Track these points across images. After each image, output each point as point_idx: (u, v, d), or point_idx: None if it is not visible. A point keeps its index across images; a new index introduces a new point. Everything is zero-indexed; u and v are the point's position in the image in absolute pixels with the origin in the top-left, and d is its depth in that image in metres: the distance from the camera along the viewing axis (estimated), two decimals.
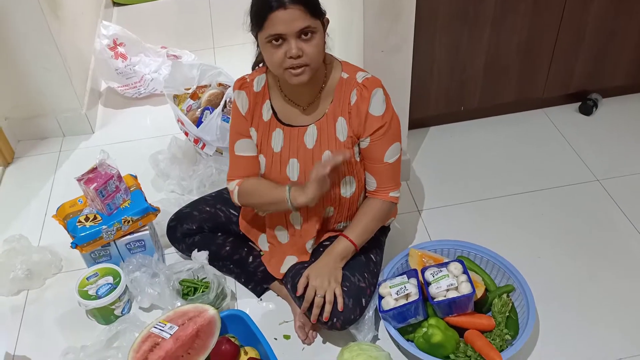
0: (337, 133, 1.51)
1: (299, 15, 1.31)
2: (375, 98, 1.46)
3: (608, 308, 1.70)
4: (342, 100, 1.49)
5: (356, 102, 1.47)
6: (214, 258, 1.76)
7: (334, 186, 1.54)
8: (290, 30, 1.31)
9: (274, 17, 1.30)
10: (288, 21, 1.31)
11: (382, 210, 1.60)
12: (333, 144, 1.51)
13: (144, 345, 1.48)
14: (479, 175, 2.18)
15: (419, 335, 1.53)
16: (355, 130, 1.50)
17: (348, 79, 1.49)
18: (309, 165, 1.53)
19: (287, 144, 1.54)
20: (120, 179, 1.79)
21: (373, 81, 1.47)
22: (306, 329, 1.68)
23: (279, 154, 1.55)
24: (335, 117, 1.50)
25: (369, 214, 1.60)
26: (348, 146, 1.51)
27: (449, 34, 2.05)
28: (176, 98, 2.33)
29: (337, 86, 1.49)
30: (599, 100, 2.40)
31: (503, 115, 2.42)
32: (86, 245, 1.75)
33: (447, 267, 1.59)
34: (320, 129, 1.51)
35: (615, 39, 2.20)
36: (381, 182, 1.57)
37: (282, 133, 1.54)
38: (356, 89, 1.47)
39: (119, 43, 2.63)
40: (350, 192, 1.57)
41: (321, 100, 1.51)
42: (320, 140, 1.52)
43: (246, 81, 1.57)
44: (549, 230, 1.94)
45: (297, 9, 1.30)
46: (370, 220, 1.60)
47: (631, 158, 2.19)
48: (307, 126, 1.52)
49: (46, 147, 2.50)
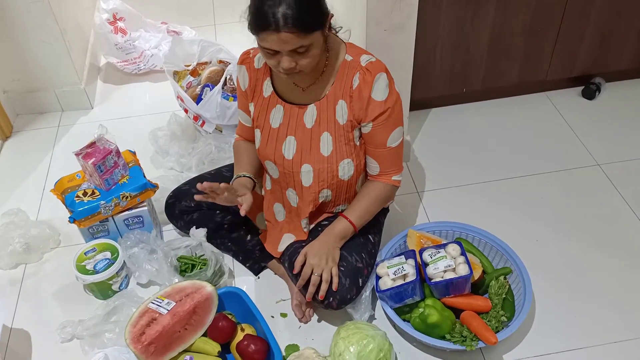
0: (336, 116, 1.49)
1: (292, 38, 1.28)
2: (378, 83, 1.43)
3: (604, 292, 1.71)
4: (343, 83, 1.47)
5: (358, 86, 1.45)
6: (212, 235, 1.76)
7: (332, 169, 1.54)
8: (283, 49, 1.30)
9: (267, 35, 1.29)
10: (281, 42, 1.29)
11: (383, 194, 1.60)
12: (332, 126, 1.50)
13: (141, 320, 1.48)
14: (479, 158, 2.17)
15: (416, 316, 1.53)
16: (356, 114, 1.48)
17: (352, 61, 1.46)
18: (306, 145, 1.52)
19: (287, 121, 1.53)
20: (118, 154, 1.78)
21: (377, 65, 1.45)
22: (303, 307, 1.68)
23: (277, 130, 1.55)
24: (335, 100, 1.48)
25: (370, 196, 1.59)
26: (347, 129, 1.50)
27: (454, 13, 2.02)
28: (176, 74, 2.31)
29: (339, 68, 1.47)
30: (602, 84, 2.38)
31: (505, 98, 2.41)
32: (84, 220, 1.74)
33: (445, 248, 1.60)
34: (320, 110, 1.50)
35: (621, 22, 2.17)
36: (384, 166, 1.56)
37: (283, 110, 1.53)
38: (359, 73, 1.44)
39: (118, 17, 2.60)
40: (349, 175, 1.56)
41: (323, 81, 1.49)
42: (319, 121, 1.51)
43: (249, 56, 1.56)
44: (548, 214, 1.94)
45: (291, 32, 1.27)
46: (371, 203, 1.59)
47: (632, 143, 2.18)
48: (307, 105, 1.51)
49: (45, 122, 2.48)
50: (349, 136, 1.51)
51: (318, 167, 1.53)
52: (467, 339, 1.50)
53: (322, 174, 1.53)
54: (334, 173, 1.54)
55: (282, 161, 1.55)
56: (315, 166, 1.53)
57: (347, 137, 1.51)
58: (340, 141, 1.51)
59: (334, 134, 1.50)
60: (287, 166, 1.55)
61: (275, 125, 1.55)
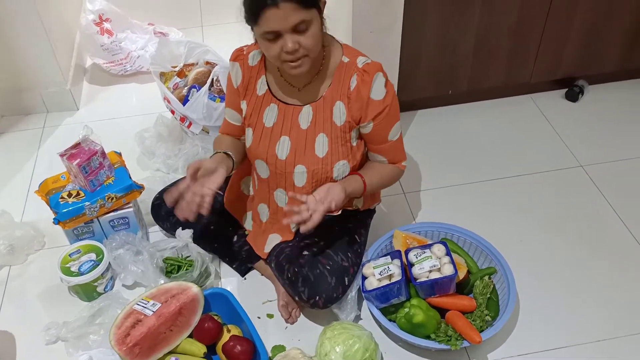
0: (333, 117, 1.49)
1: (292, 10, 1.28)
2: (376, 83, 1.45)
3: (588, 291, 1.73)
4: (341, 85, 1.47)
5: (357, 87, 1.45)
6: (198, 236, 1.76)
7: (327, 170, 1.53)
8: (284, 26, 1.30)
9: (267, 14, 1.28)
10: (282, 18, 1.28)
11: (394, 172, 1.61)
12: (329, 127, 1.50)
13: (126, 321, 1.48)
14: (464, 159, 2.19)
15: (401, 316, 1.54)
16: (354, 115, 1.48)
17: (349, 63, 1.47)
18: (300, 146, 1.52)
19: (281, 121, 1.53)
20: (104, 155, 1.77)
21: (374, 66, 1.46)
22: (289, 308, 1.69)
23: (270, 129, 1.54)
24: (333, 101, 1.49)
25: (384, 170, 1.58)
26: (345, 130, 1.50)
27: (439, 14, 2.04)
28: (163, 76, 2.30)
29: (337, 69, 1.47)
30: (585, 86, 2.41)
31: (490, 100, 2.43)
32: (69, 222, 1.73)
33: (430, 248, 1.61)
34: (316, 111, 1.50)
35: (604, 25, 2.20)
36: (391, 157, 1.58)
37: (277, 109, 1.53)
38: (356, 74, 1.45)
39: (104, 18, 2.59)
40: (343, 176, 1.56)
41: (318, 82, 1.49)
42: (315, 122, 1.51)
43: (242, 53, 1.56)
44: (532, 214, 1.96)
45: (290, 4, 1.27)
46: (384, 175, 1.58)
47: (614, 145, 2.21)
48: (302, 106, 1.51)
49: (30, 123, 2.46)
50: (346, 137, 1.51)
51: (312, 168, 1.53)
52: (452, 338, 1.51)
53: (316, 174, 1.54)
54: (329, 174, 1.54)
55: (275, 161, 1.55)
56: (310, 167, 1.53)
57: (343, 138, 1.51)
58: (337, 142, 1.51)
59: (330, 135, 1.50)
60: (279, 166, 1.55)
61: (268, 124, 1.55)
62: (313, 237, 1.62)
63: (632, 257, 1.82)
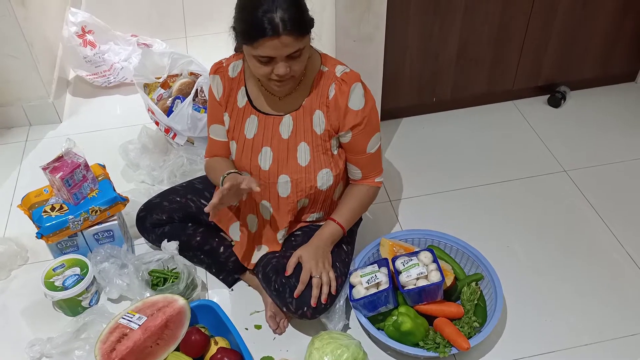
0: (313, 126, 1.50)
1: (291, 41, 1.30)
2: (354, 93, 1.46)
3: (574, 295, 1.74)
4: (319, 94, 1.48)
5: (335, 97, 1.46)
6: (184, 248, 1.74)
7: (310, 179, 1.53)
8: (281, 54, 1.31)
9: (266, 42, 1.29)
10: (280, 47, 1.30)
11: (368, 195, 1.63)
12: (309, 136, 1.51)
13: (111, 336, 1.46)
14: (449, 166, 2.20)
15: (389, 324, 1.54)
16: (333, 124, 1.49)
17: (327, 72, 1.48)
18: (282, 155, 1.53)
19: (261, 132, 1.53)
20: (87, 168, 1.76)
21: (352, 75, 1.47)
22: (277, 318, 1.68)
23: (251, 140, 1.54)
24: (312, 110, 1.49)
25: (357, 199, 1.61)
26: (325, 139, 1.51)
27: (421, 23, 2.06)
28: (146, 87, 2.29)
29: (315, 78, 1.48)
30: (567, 92, 2.44)
31: (474, 107, 2.45)
32: (52, 236, 1.71)
33: (417, 256, 1.61)
34: (297, 120, 1.51)
35: (583, 32, 2.23)
36: (366, 171, 1.60)
37: (257, 120, 1.53)
38: (334, 83, 1.46)
39: (87, 30, 2.57)
40: (327, 185, 1.57)
41: (298, 92, 1.50)
42: (296, 131, 1.51)
43: (222, 65, 1.56)
44: (518, 220, 1.98)
45: (290, 36, 1.29)
46: (358, 205, 1.62)
47: (597, 150, 2.23)
48: (282, 116, 1.51)
49: (12, 137, 2.44)
50: (326, 146, 1.52)
51: (296, 178, 1.53)
52: (440, 345, 1.51)
53: (300, 184, 1.54)
54: (312, 183, 1.54)
55: (259, 172, 1.55)
56: (293, 176, 1.53)
57: (324, 146, 1.52)
58: (318, 151, 1.52)
59: (311, 144, 1.51)
60: (263, 177, 1.55)
61: (249, 135, 1.55)
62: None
63: (617, 260, 1.83)
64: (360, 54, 1.83)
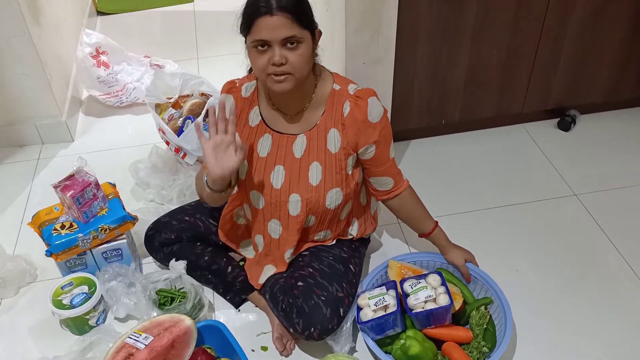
0: (327, 144, 1.51)
1: (286, 23, 1.31)
2: (372, 106, 1.47)
3: (584, 321, 1.71)
4: (334, 112, 1.49)
5: (351, 113, 1.47)
6: (192, 268, 1.75)
7: (320, 197, 1.54)
8: (275, 37, 1.32)
9: (261, 22, 1.31)
10: (274, 28, 1.31)
11: (415, 195, 1.69)
12: (322, 155, 1.51)
13: (117, 355, 1.45)
14: (458, 189, 2.19)
15: (397, 347, 1.52)
16: (351, 140, 1.50)
17: (340, 90, 1.49)
18: (295, 174, 1.53)
19: (275, 150, 1.54)
20: (97, 186, 1.77)
21: (366, 91, 1.49)
22: (284, 340, 1.66)
23: (265, 159, 1.55)
24: (327, 129, 1.50)
25: (418, 203, 1.69)
26: (340, 158, 1.51)
27: (430, 46, 2.07)
28: (158, 107, 2.32)
29: (329, 97, 1.49)
30: (577, 116, 2.43)
31: (483, 130, 2.45)
32: (61, 254, 1.72)
33: (425, 278, 1.60)
34: (310, 139, 1.51)
35: (592, 57, 2.24)
36: (396, 177, 1.62)
37: (271, 139, 1.54)
38: (349, 101, 1.47)
39: (101, 51, 2.62)
40: (336, 204, 1.57)
41: (310, 111, 1.51)
42: (309, 150, 1.52)
43: (235, 85, 1.57)
44: (527, 244, 1.96)
45: (284, 16, 1.30)
46: (422, 206, 1.70)
47: (607, 173, 2.22)
48: (296, 135, 1.52)
49: (24, 155, 2.47)
50: (341, 165, 1.52)
51: (307, 197, 1.53)
52: None
53: (310, 203, 1.54)
54: (321, 202, 1.54)
55: (270, 190, 1.56)
56: (304, 195, 1.53)
57: (338, 166, 1.52)
58: (331, 170, 1.52)
59: (324, 163, 1.51)
60: (274, 195, 1.56)
61: (263, 154, 1.55)
62: (307, 268, 1.61)
63: (629, 286, 1.81)
64: (369, 76, 1.84)
